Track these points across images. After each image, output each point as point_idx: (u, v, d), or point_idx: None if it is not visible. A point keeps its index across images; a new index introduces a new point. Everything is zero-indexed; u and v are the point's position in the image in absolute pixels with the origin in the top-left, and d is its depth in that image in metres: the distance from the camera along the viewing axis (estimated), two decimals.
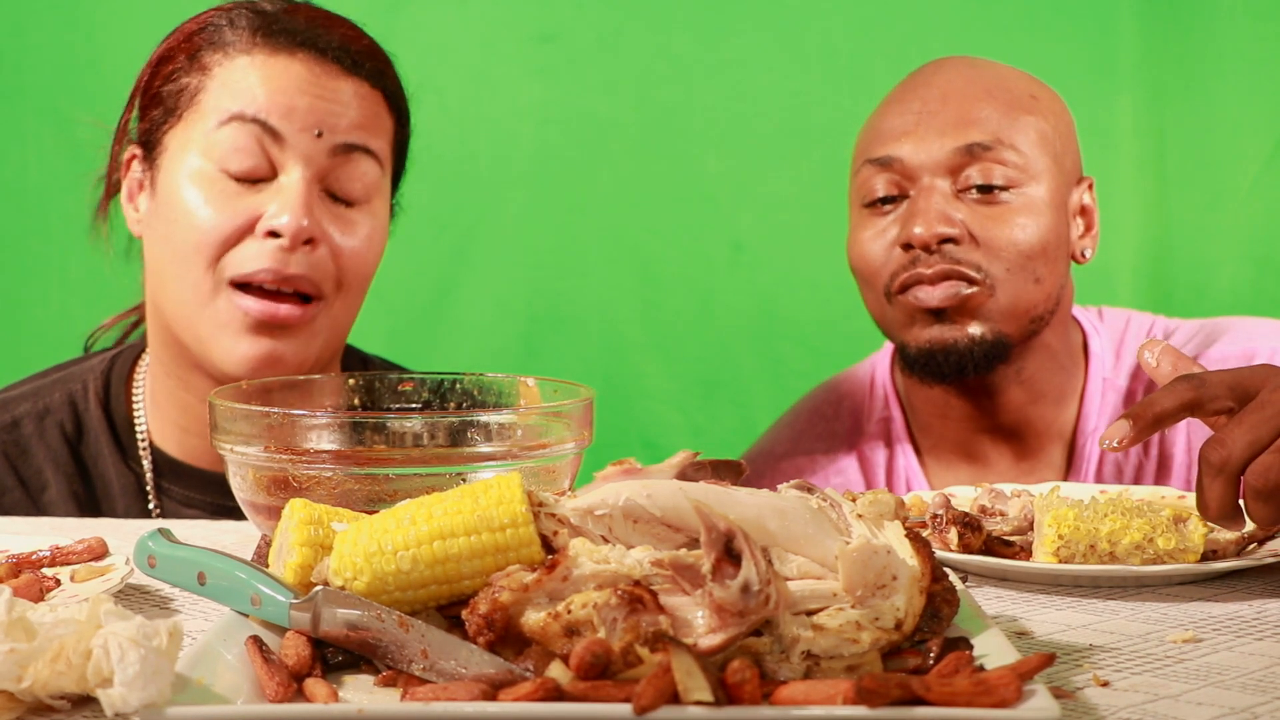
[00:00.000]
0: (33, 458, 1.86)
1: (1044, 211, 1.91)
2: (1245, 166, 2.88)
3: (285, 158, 1.72)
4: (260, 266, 1.71)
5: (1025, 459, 2.03)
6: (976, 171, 1.89)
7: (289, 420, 1.37)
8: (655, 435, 2.99)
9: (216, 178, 1.72)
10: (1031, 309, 1.92)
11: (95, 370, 1.91)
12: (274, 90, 1.72)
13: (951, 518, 1.38)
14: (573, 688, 0.93)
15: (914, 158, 1.90)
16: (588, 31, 3.02)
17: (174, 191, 1.74)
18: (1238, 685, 1.04)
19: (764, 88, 3.00)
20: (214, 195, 1.71)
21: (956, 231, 1.88)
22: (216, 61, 1.76)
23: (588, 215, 3.05)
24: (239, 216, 1.71)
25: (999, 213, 1.89)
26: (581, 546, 1.02)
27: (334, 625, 1.03)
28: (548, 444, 1.40)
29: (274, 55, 1.74)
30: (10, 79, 3.01)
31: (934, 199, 1.89)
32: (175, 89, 1.77)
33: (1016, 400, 1.99)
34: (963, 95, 1.93)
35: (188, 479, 1.86)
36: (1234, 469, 1.27)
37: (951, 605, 1.05)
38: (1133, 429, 1.30)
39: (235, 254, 1.71)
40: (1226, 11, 2.87)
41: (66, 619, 0.96)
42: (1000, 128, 1.90)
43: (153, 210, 1.79)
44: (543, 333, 3.05)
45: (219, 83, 1.74)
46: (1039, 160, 1.92)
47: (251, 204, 1.72)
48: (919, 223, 1.88)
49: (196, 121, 1.75)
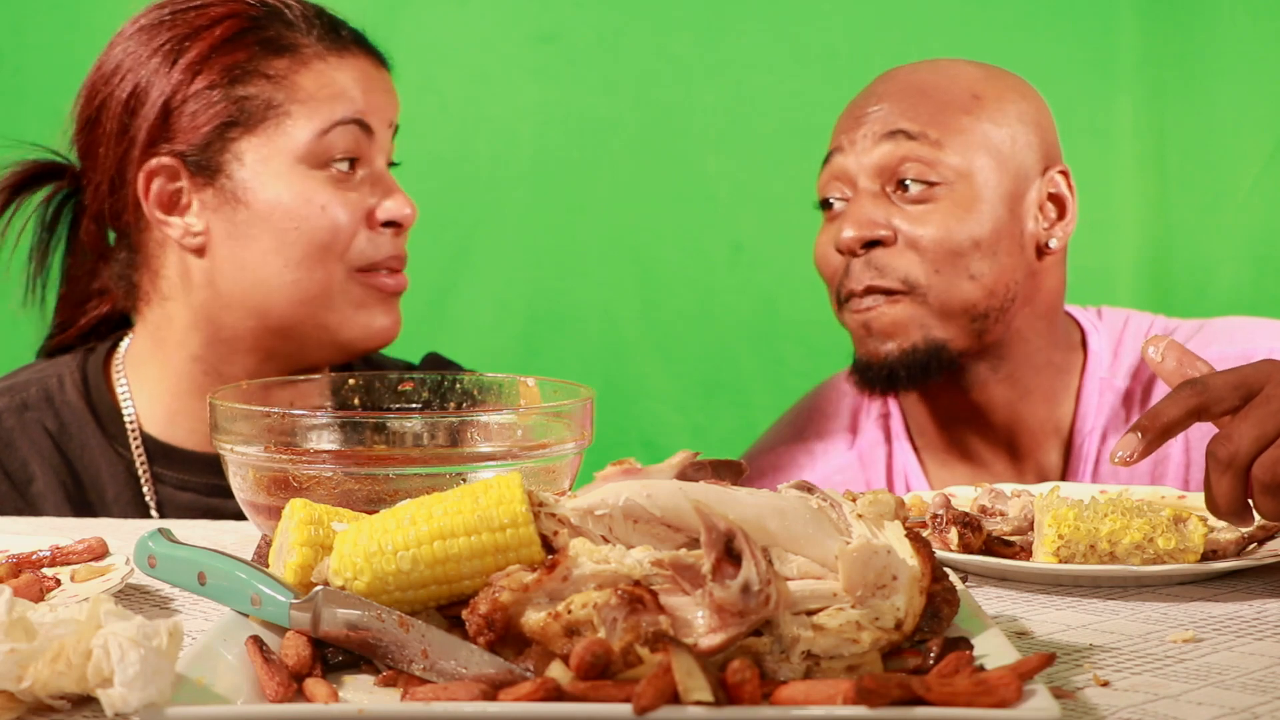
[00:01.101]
0: (17, 450, 1.87)
1: (979, 207, 1.90)
2: (1245, 166, 2.88)
3: (372, 150, 1.86)
4: (387, 254, 1.87)
5: (1021, 458, 2.02)
6: (904, 170, 1.90)
7: (289, 420, 1.37)
8: (655, 435, 2.99)
9: (323, 181, 1.82)
10: (969, 308, 1.91)
11: (69, 365, 1.92)
12: (360, 93, 1.85)
13: (951, 518, 1.38)
14: (573, 688, 0.93)
15: (847, 161, 1.94)
16: (588, 31, 3.02)
17: (279, 199, 1.80)
18: (1238, 685, 1.04)
19: (764, 88, 3.00)
20: (330, 197, 1.82)
21: (883, 234, 1.89)
22: (288, 68, 1.82)
23: (588, 215, 3.05)
24: (359, 210, 1.84)
25: (928, 211, 1.90)
26: (581, 546, 1.02)
27: (334, 625, 1.03)
28: (548, 444, 1.40)
29: (342, 58, 1.86)
30: (10, 79, 3.01)
31: (862, 202, 1.92)
32: (240, 98, 1.79)
33: (1002, 398, 1.99)
34: (896, 97, 1.94)
35: (181, 462, 1.87)
36: (1242, 464, 1.27)
37: (951, 605, 1.05)
38: (1142, 441, 1.30)
39: (358, 243, 1.84)
40: (1226, 11, 2.87)
41: (66, 619, 0.96)
42: (929, 125, 1.91)
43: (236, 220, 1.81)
44: (543, 333, 3.05)
45: (306, 92, 1.82)
46: (975, 156, 1.91)
47: (359, 199, 1.85)
48: (847, 225, 1.91)
49: (287, 130, 1.80)
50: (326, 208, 1.81)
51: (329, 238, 1.82)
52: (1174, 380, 1.38)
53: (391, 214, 1.86)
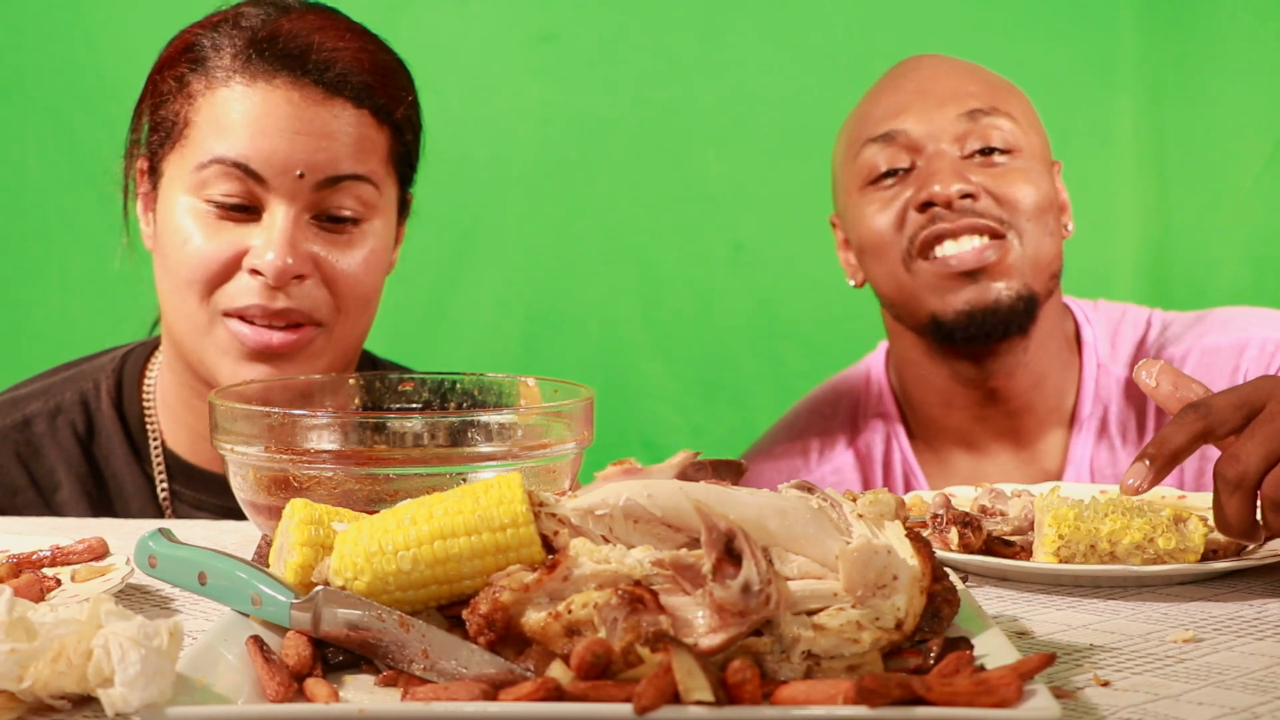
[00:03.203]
0: (45, 458, 1.86)
1: (1042, 173, 2.01)
2: (1245, 166, 2.89)
3: (269, 196, 1.71)
4: (250, 302, 1.71)
5: (1024, 447, 2.05)
6: (978, 136, 1.98)
7: (289, 420, 1.37)
8: (655, 435, 2.99)
9: (205, 211, 1.72)
10: (1051, 262, 1.99)
11: (106, 369, 1.91)
12: (254, 132, 1.70)
13: (952, 518, 1.38)
14: (573, 688, 0.93)
15: (918, 129, 1.99)
16: (587, 31, 3.02)
17: (170, 219, 1.75)
18: (1238, 685, 1.04)
19: (764, 88, 3.00)
20: (203, 229, 1.72)
21: (974, 188, 1.95)
22: (200, 90, 1.74)
23: (588, 215, 3.05)
24: (226, 251, 1.72)
25: (1004, 172, 1.98)
26: (582, 546, 1.02)
27: (335, 625, 1.03)
28: (548, 444, 1.40)
29: (252, 84, 1.71)
30: (10, 79, 3.01)
31: (945, 160, 1.97)
32: (169, 114, 1.77)
33: (1022, 385, 2.03)
34: (950, 73, 2.04)
35: (199, 482, 1.86)
36: (1251, 483, 1.27)
37: (952, 605, 1.05)
38: (1150, 469, 1.31)
39: (229, 286, 1.72)
40: (1226, 11, 2.87)
41: (67, 619, 0.96)
42: (993, 98, 2.01)
43: (156, 233, 1.80)
44: (543, 333, 3.05)
45: (203, 117, 1.73)
46: (1028, 129, 2.02)
47: (239, 238, 1.72)
48: (937, 181, 1.94)
49: (186, 153, 1.74)
50: (192, 240, 1.72)
51: (189, 273, 1.72)
52: (1170, 404, 1.39)
53: (254, 261, 1.70)
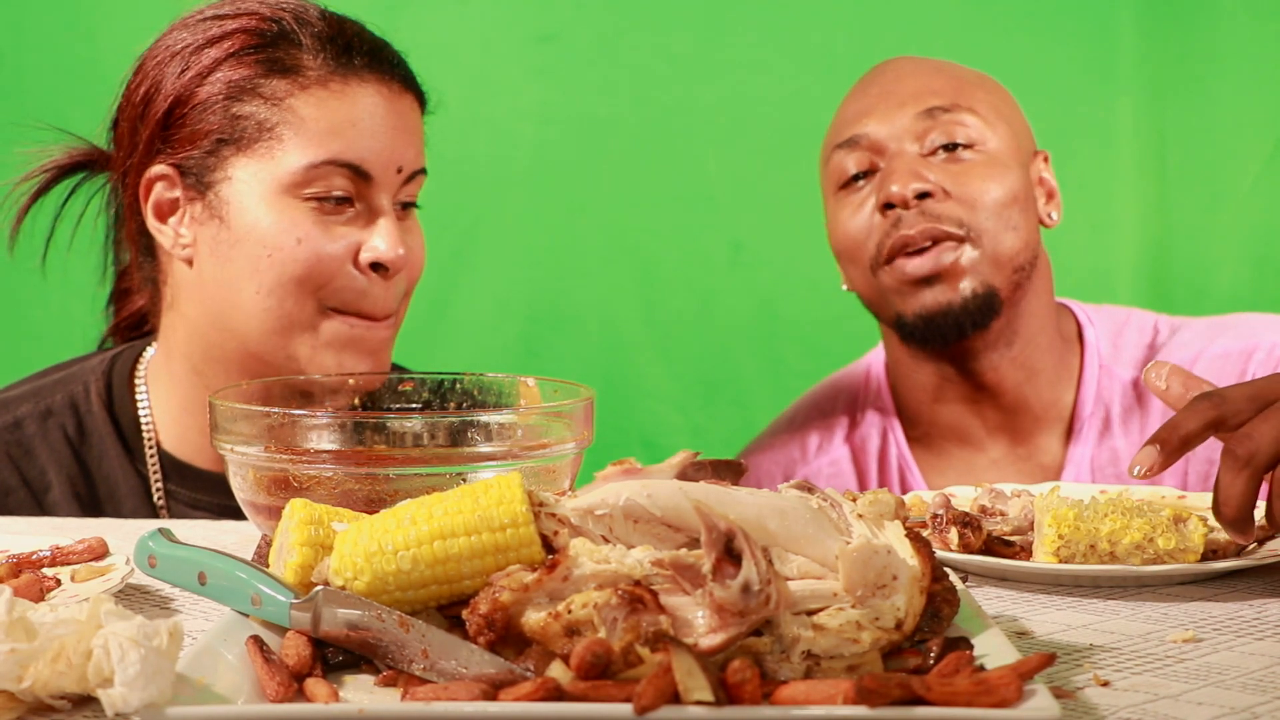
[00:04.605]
0: (36, 458, 1.86)
1: (1009, 166, 2.00)
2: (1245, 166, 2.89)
3: (373, 191, 1.77)
4: (364, 297, 1.77)
5: (1020, 444, 2.06)
6: (939, 133, 1.99)
7: (289, 420, 1.37)
8: (655, 435, 2.99)
9: (307, 211, 1.75)
10: (1014, 258, 1.98)
11: (95, 371, 1.90)
12: (362, 132, 1.75)
13: (951, 518, 1.38)
14: (573, 688, 0.93)
15: (879, 131, 2.00)
16: (587, 31, 3.02)
17: (257, 223, 1.74)
18: (1238, 685, 1.04)
19: (764, 88, 3.00)
20: (315, 227, 1.75)
21: (932, 186, 1.96)
22: (287, 91, 1.74)
23: (588, 215, 3.05)
24: (339, 249, 1.75)
25: (966, 168, 1.98)
26: (582, 546, 1.02)
27: (334, 625, 1.03)
28: (548, 444, 1.40)
29: (347, 84, 1.76)
30: (10, 79, 3.01)
31: (904, 160, 1.98)
32: (236, 116, 1.75)
33: (1011, 380, 2.03)
34: (915, 73, 2.05)
35: (194, 481, 1.86)
36: (1260, 464, 1.26)
37: (952, 605, 1.05)
38: (1160, 454, 1.30)
39: (338, 282, 1.76)
40: (1226, 11, 2.87)
41: (67, 619, 0.96)
42: (955, 94, 2.01)
43: (218, 238, 1.77)
44: (543, 333, 3.05)
45: (299, 119, 1.74)
46: (994, 123, 2.02)
47: (347, 235, 1.76)
48: (894, 181, 1.96)
49: (277, 155, 1.74)
50: (304, 240, 1.74)
51: (303, 271, 1.74)
52: (1179, 406, 1.38)
53: (375, 254, 1.76)
